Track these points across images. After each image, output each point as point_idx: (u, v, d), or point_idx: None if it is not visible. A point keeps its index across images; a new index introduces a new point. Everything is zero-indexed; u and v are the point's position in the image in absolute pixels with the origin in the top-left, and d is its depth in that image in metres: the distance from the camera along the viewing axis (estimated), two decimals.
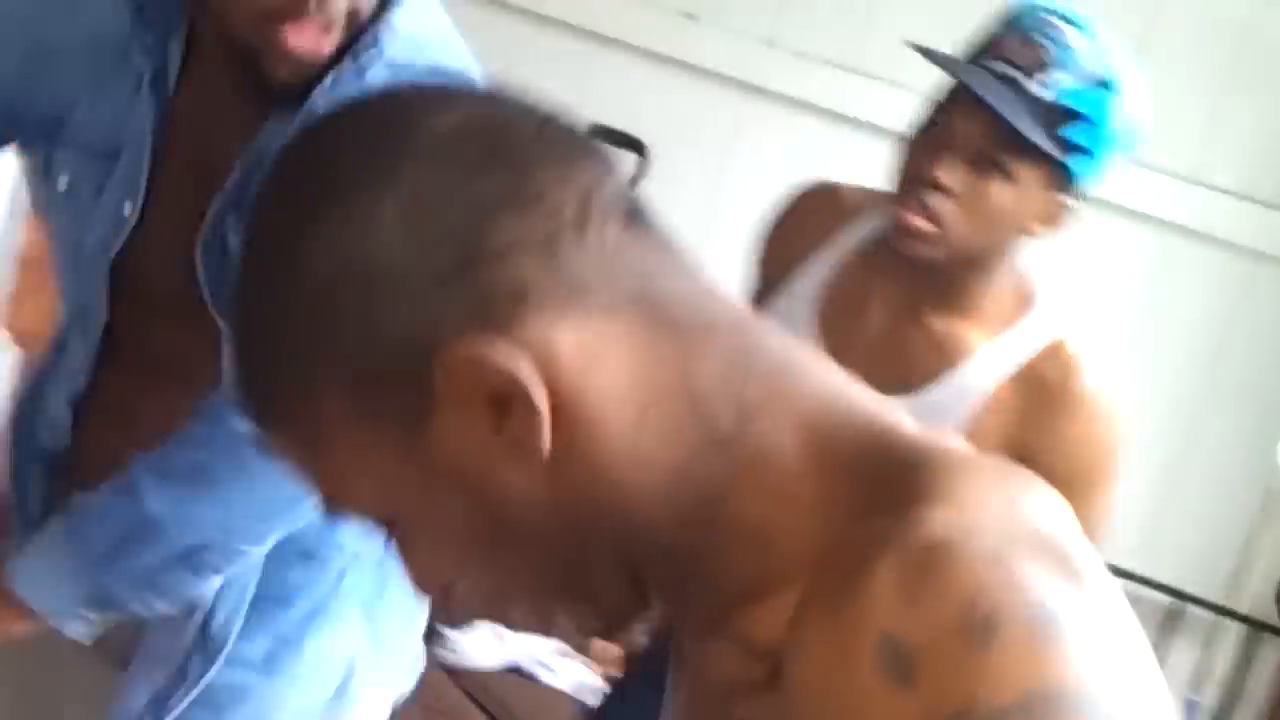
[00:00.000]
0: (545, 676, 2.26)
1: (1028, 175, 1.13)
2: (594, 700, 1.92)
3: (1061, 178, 1.15)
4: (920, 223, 1.13)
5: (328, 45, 0.87)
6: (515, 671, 2.23)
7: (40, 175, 0.99)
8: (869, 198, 1.28)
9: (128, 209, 0.94)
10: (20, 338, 2.17)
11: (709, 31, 2.50)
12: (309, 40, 0.85)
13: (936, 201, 1.12)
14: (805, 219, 1.30)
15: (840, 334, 1.21)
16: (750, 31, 2.49)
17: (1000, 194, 1.13)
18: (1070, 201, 1.17)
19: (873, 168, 1.27)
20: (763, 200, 1.36)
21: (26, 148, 1.00)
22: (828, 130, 2.44)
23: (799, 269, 1.26)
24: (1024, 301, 1.22)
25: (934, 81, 1.17)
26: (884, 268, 1.23)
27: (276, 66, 0.86)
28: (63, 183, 0.97)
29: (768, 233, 1.35)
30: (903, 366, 1.20)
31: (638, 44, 2.44)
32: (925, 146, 1.15)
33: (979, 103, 1.10)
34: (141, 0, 0.91)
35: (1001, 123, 1.09)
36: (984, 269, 1.20)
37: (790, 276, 1.26)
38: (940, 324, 1.22)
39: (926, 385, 1.20)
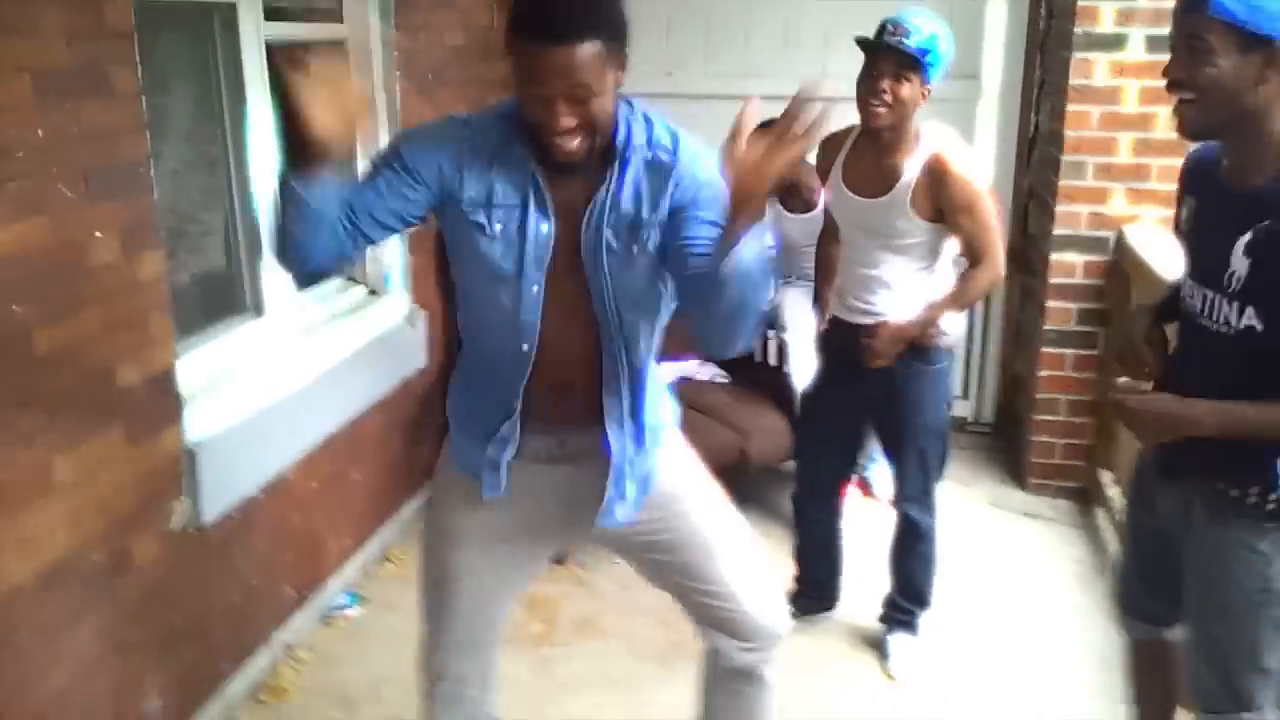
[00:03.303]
0: (701, 375, 3.96)
1: (913, 78, 2.50)
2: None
3: (925, 79, 2.52)
4: (879, 108, 2.54)
5: (582, 149, 1.61)
6: (684, 379, 3.84)
7: (471, 225, 1.70)
8: (844, 129, 2.74)
9: (547, 229, 1.70)
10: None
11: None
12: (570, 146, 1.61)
13: (883, 97, 2.52)
14: (827, 145, 2.78)
15: (856, 174, 2.70)
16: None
17: (905, 89, 2.51)
18: (928, 89, 2.54)
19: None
20: None
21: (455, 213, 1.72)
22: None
23: (835, 161, 2.75)
24: (916, 140, 2.61)
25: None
26: (863, 144, 2.69)
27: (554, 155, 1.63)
28: (496, 228, 1.69)
29: (818, 155, 2.84)
30: (882, 180, 2.63)
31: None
32: (869, 77, 2.54)
33: (888, 51, 2.49)
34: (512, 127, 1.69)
35: (898, 56, 2.49)
36: (902, 129, 2.59)
37: (832, 165, 2.76)
38: (889, 159, 2.62)
39: (892, 186, 2.61)
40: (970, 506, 3.88)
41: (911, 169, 2.58)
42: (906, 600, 2.99)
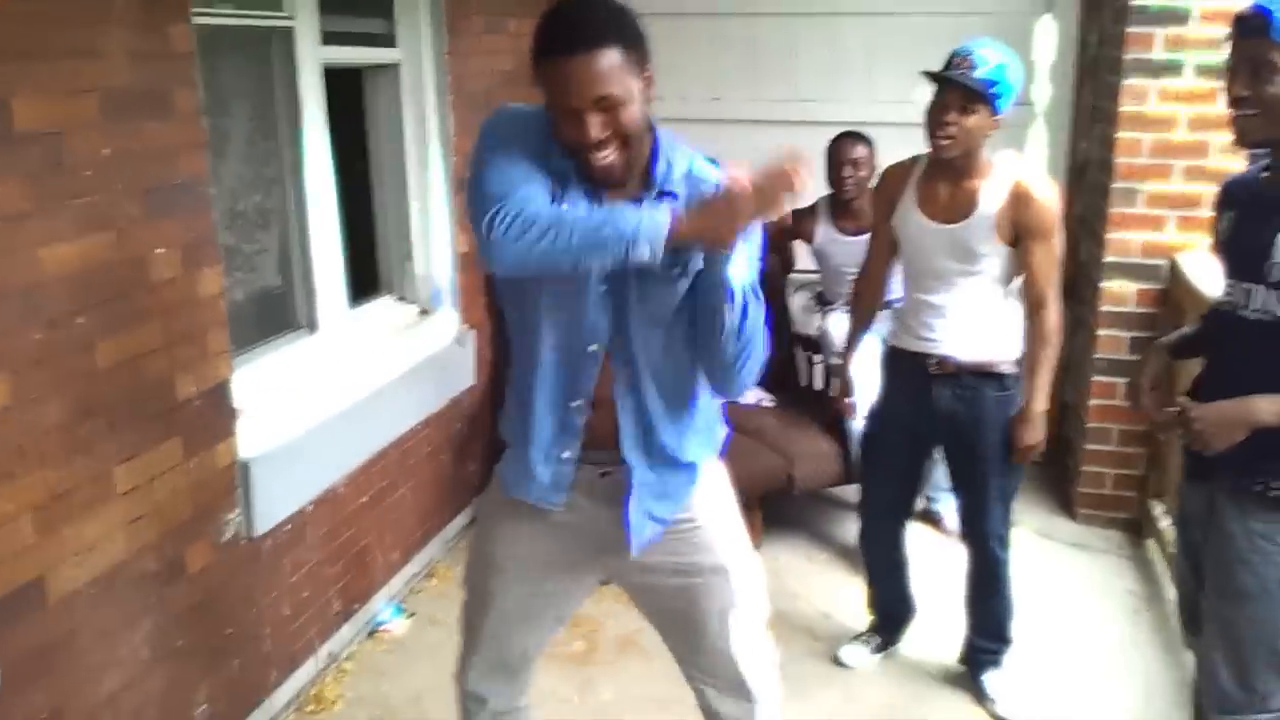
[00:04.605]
0: (747, 399, 3.77)
1: (981, 109, 2.49)
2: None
3: (994, 109, 2.50)
4: (945, 139, 2.52)
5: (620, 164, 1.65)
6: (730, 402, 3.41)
7: None
8: (909, 160, 2.76)
9: None
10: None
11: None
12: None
13: (949, 129, 2.51)
14: (891, 175, 2.80)
15: (931, 201, 2.65)
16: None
17: (971, 120, 2.50)
18: (998, 119, 2.52)
19: None
20: None
21: None
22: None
23: (904, 190, 2.72)
24: (990, 166, 2.59)
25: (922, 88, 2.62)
26: (936, 172, 2.66)
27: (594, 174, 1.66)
28: None
29: (879, 187, 2.91)
30: (961, 206, 2.60)
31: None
32: (937, 108, 2.53)
33: (954, 84, 2.48)
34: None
35: (965, 89, 2.47)
36: (975, 156, 2.58)
37: (899, 194, 2.73)
38: (965, 185, 2.61)
39: (972, 211, 2.59)
40: (1019, 537, 3.81)
41: (992, 193, 2.56)
42: (991, 641, 2.92)
